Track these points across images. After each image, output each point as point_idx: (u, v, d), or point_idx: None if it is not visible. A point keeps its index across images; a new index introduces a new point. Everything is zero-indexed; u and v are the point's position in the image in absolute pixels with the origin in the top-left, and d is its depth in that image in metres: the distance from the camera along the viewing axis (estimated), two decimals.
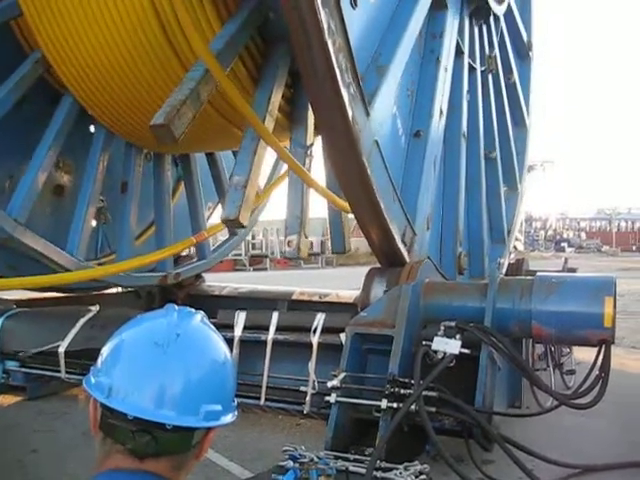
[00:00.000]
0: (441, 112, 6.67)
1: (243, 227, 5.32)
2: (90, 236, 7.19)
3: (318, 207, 6.83)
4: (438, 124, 6.61)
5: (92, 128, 7.13)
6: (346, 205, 5.85)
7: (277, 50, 5.63)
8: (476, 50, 8.16)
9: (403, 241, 5.73)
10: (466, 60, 7.73)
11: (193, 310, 1.73)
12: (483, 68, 8.46)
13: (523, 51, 10.60)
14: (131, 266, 6.41)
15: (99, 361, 1.62)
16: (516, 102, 10.17)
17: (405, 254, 5.81)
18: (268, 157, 8.70)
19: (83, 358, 6.22)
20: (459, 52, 7.47)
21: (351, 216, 6.30)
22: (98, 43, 5.80)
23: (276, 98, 5.54)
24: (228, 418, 1.64)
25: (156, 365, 1.54)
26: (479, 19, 8.17)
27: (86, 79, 6.18)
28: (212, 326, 1.72)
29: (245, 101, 5.20)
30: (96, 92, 6.31)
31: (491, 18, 8.77)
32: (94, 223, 7.67)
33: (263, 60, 5.69)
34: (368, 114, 5.07)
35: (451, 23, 7.05)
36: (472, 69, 8.05)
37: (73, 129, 6.68)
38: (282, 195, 6.54)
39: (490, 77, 8.81)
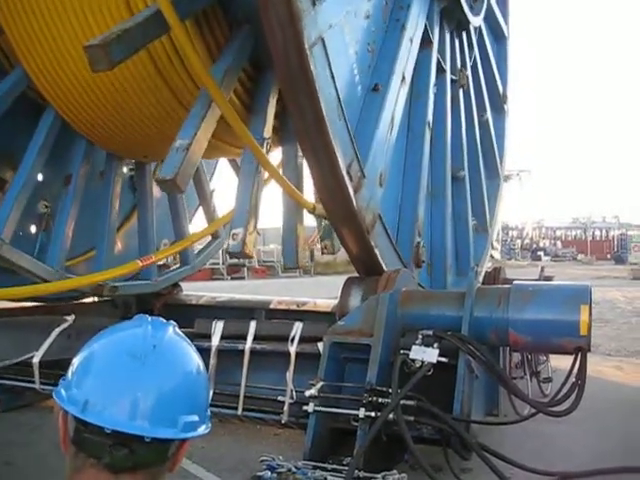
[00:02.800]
0: (403, 78, 6.51)
1: (180, 191, 4.95)
2: (26, 241, 6.92)
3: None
4: (399, 87, 6.43)
5: None
6: (306, 201, 5.75)
7: (240, 32, 5.51)
8: (446, 50, 8.13)
9: (349, 173, 5.38)
10: (434, 53, 7.66)
11: (165, 321, 1.71)
12: (454, 77, 8.48)
13: (498, 103, 10.67)
14: (65, 286, 6.18)
15: (69, 373, 1.59)
16: (490, 147, 10.18)
17: (350, 190, 5.41)
18: None
19: (58, 369, 6.14)
20: (427, 41, 7.41)
21: (307, 224, 6.22)
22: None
23: (233, 73, 5.36)
24: (203, 428, 1.63)
25: (133, 377, 1.52)
26: (451, 22, 8.19)
27: (37, 47, 5.94)
28: (185, 337, 1.71)
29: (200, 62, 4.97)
30: (47, 63, 6.03)
31: (464, 34, 8.85)
32: (34, 229, 7.39)
33: (225, 41, 5.56)
34: (314, 3, 4.72)
35: (419, 3, 6.94)
36: (442, 70, 8.03)
37: (24, 122, 6.41)
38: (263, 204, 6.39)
39: (462, 95, 8.79)
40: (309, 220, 6.43)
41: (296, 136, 5.41)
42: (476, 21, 8.98)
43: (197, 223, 9.43)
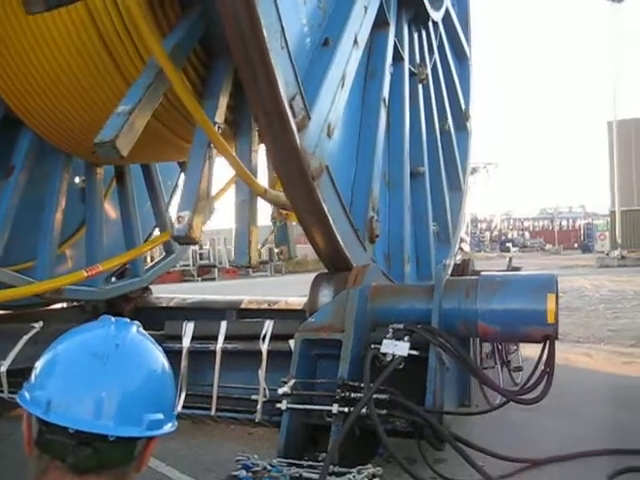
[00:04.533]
0: (356, 41, 6.33)
1: (119, 155, 4.54)
2: None
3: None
4: (351, 48, 6.25)
5: None
6: (258, 184, 5.52)
7: (192, 11, 5.22)
8: (404, 38, 8.15)
9: (291, 106, 5.03)
10: (391, 35, 7.61)
11: (129, 321, 1.71)
12: (413, 69, 8.51)
13: (460, 118, 10.79)
14: (4, 297, 6.03)
15: (33, 375, 1.59)
16: (452, 160, 10.24)
17: (292, 124, 5.05)
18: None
19: (26, 377, 6.05)
20: (384, 22, 7.38)
21: (264, 223, 6.04)
22: None
23: (183, 49, 5.16)
24: (169, 427, 1.63)
25: (96, 376, 1.52)
26: (409, 10, 8.21)
27: None
28: (149, 336, 1.70)
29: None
30: None
31: (424, 33, 8.94)
32: None
33: (176, 21, 5.33)
34: None
35: None
36: (400, 57, 8.04)
37: None
38: (229, 204, 6.21)
39: (421, 91, 8.82)
40: (264, 220, 6.36)
41: (235, 62, 4.98)
42: (435, 15, 9.05)
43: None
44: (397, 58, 7.95)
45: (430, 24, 9.19)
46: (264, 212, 6.19)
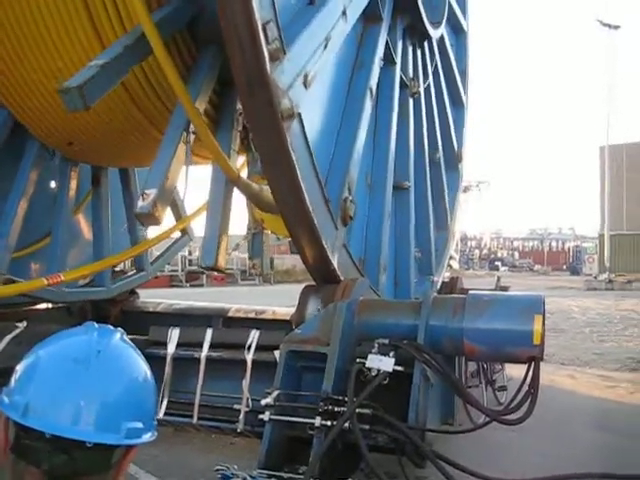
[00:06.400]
0: (344, 13, 6.07)
1: (84, 104, 4.27)
2: None
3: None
4: (338, 16, 5.98)
5: None
6: (230, 168, 5.26)
7: None
8: (398, 43, 8.14)
9: (265, 30, 4.65)
10: (384, 33, 7.54)
11: (113, 328, 1.70)
12: (404, 79, 8.46)
13: (452, 160, 10.78)
14: None
15: (13, 379, 1.58)
16: (440, 195, 10.16)
17: (264, 48, 4.65)
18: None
19: (8, 376, 5.99)
20: (377, 16, 7.34)
21: (237, 232, 5.95)
22: None
23: (170, 24, 5.03)
24: (148, 436, 1.61)
25: (76, 382, 1.51)
26: (404, 16, 8.21)
27: None
28: (132, 344, 1.69)
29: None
30: None
31: (419, 50, 8.98)
32: None
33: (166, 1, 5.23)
34: None
35: None
36: (392, 61, 8.01)
37: None
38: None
39: (412, 105, 8.78)
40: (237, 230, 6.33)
41: None
42: (432, 32, 9.08)
43: None
44: (389, 61, 7.93)
45: (426, 45, 9.23)
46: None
